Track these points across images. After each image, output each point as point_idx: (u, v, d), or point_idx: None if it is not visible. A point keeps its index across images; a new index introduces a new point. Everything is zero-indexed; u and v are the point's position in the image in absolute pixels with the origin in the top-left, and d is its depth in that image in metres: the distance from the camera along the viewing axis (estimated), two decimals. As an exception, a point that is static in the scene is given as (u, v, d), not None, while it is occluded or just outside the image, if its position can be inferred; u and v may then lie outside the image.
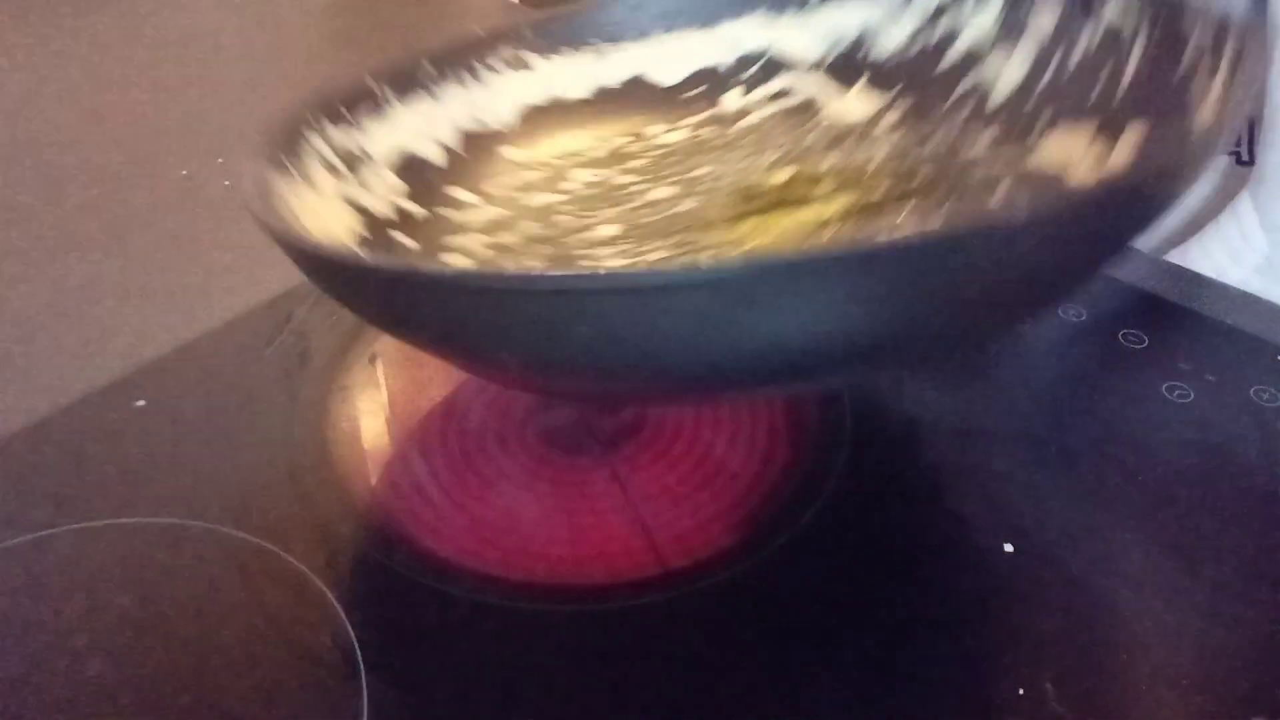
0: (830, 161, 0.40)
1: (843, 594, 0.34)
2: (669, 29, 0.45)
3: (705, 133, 0.45)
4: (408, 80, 0.40)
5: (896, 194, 0.36)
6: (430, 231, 0.39)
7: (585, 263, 0.36)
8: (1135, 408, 0.41)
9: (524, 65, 0.43)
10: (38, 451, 0.38)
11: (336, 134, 0.37)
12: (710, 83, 0.46)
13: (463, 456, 0.39)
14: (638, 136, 0.45)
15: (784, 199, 0.37)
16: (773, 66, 0.46)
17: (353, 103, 0.38)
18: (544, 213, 0.40)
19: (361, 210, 0.37)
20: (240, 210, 0.31)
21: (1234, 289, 0.48)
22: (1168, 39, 0.35)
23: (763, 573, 0.34)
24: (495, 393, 0.41)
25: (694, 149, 0.43)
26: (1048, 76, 0.39)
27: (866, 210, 0.35)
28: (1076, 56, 0.38)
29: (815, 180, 0.38)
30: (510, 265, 0.35)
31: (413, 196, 0.39)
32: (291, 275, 0.37)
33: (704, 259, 0.29)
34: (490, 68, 0.42)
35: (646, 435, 0.40)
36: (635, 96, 0.45)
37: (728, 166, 0.41)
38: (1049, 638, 0.32)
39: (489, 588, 0.33)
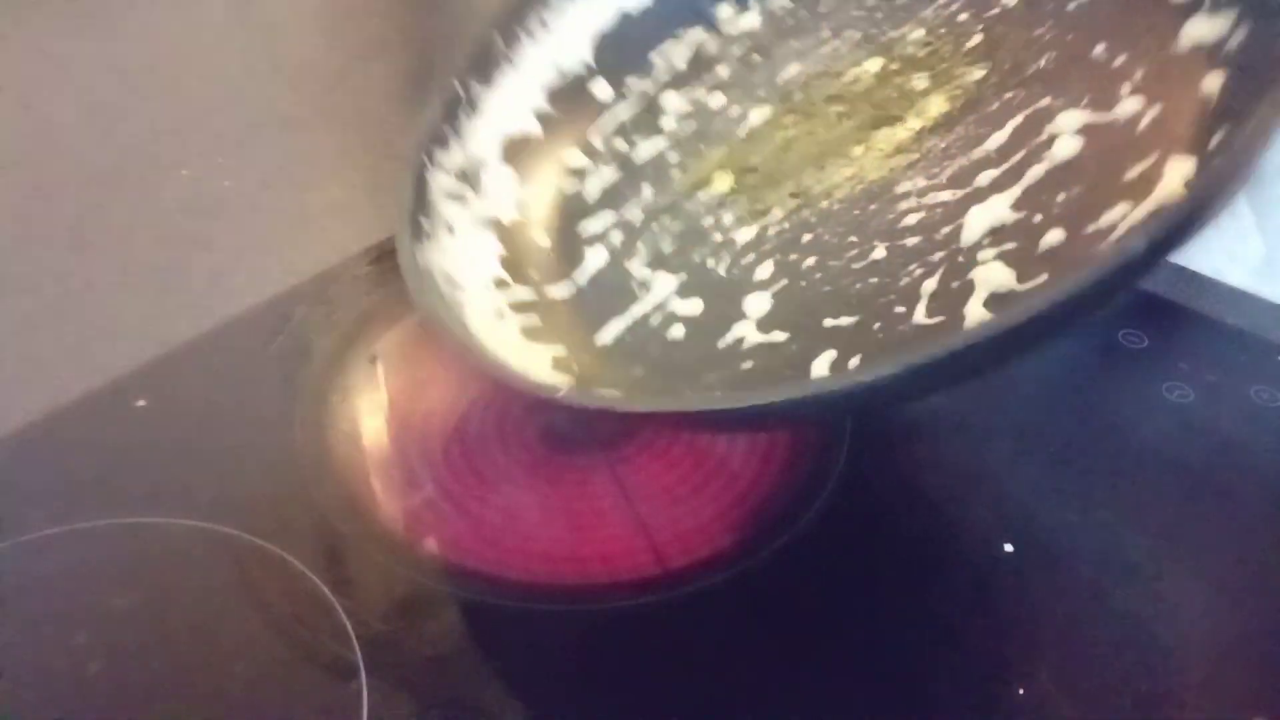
0: (915, 39, 0.38)
1: (842, 594, 0.34)
2: None
3: (780, 9, 0.43)
4: (486, 62, 0.39)
5: (993, 81, 0.34)
6: (557, 217, 0.38)
7: (716, 236, 0.36)
8: (1135, 408, 0.41)
9: None
10: (38, 451, 0.38)
11: (449, 158, 0.37)
12: None
13: (463, 457, 0.39)
14: (712, 29, 0.43)
15: (882, 110, 0.36)
16: None
17: (452, 115, 0.38)
18: (655, 168, 0.39)
19: (494, 223, 0.37)
20: (240, 210, 0.31)
21: (1234, 289, 0.48)
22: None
23: (762, 573, 0.34)
24: (495, 394, 0.41)
25: (774, 38, 0.42)
26: None
27: (966, 109, 0.34)
28: None
29: (906, 69, 0.37)
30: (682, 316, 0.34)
31: (526, 179, 0.39)
32: (291, 275, 0.37)
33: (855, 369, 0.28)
34: (552, 8, 0.41)
35: (646, 436, 0.39)
36: None
37: (812, 62, 0.40)
38: (1049, 637, 0.32)
39: (489, 588, 0.33)
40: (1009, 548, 0.35)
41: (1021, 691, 0.31)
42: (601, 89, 0.43)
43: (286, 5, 0.71)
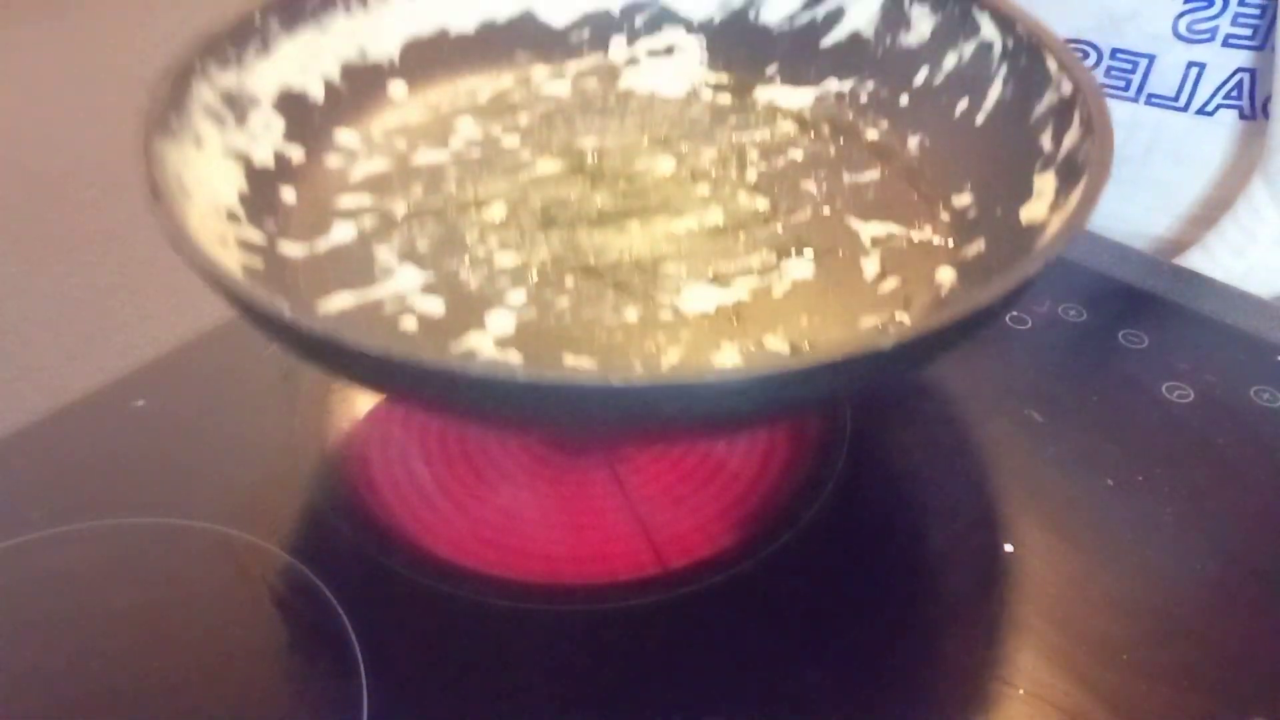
0: (708, 157, 0.41)
1: (842, 594, 0.34)
2: None
3: (590, 86, 0.45)
4: (295, 9, 0.39)
5: (765, 214, 0.38)
6: (314, 183, 0.38)
7: (478, 251, 0.36)
8: (1135, 408, 0.41)
9: None
10: (38, 451, 0.38)
11: (223, 77, 0.36)
12: (598, 27, 0.46)
13: (463, 457, 0.39)
14: (523, 82, 0.45)
15: (665, 202, 0.39)
16: (662, 18, 0.46)
17: (241, 40, 0.37)
18: (431, 175, 0.39)
19: (245, 160, 0.36)
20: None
21: (1234, 289, 0.48)
22: (1028, 77, 0.38)
23: (762, 573, 0.34)
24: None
25: (579, 107, 0.43)
26: (919, 81, 0.42)
27: (738, 226, 0.38)
28: (945, 70, 0.42)
29: (693, 178, 0.40)
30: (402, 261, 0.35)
31: (292, 136, 0.38)
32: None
33: (618, 372, 0.29)
34: None
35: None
36: (523, 35, 0.45)
37: (611, 140, 0.42)
38: (1049, 637, 0.32)
39: (489, 588, 0.33)
40: (1009, 548, 0.35)
41: (1021, 691, 0.31)
42: (398, 89, 0.43)
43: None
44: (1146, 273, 0.49)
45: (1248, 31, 0.52)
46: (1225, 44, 0.52)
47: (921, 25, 0.43)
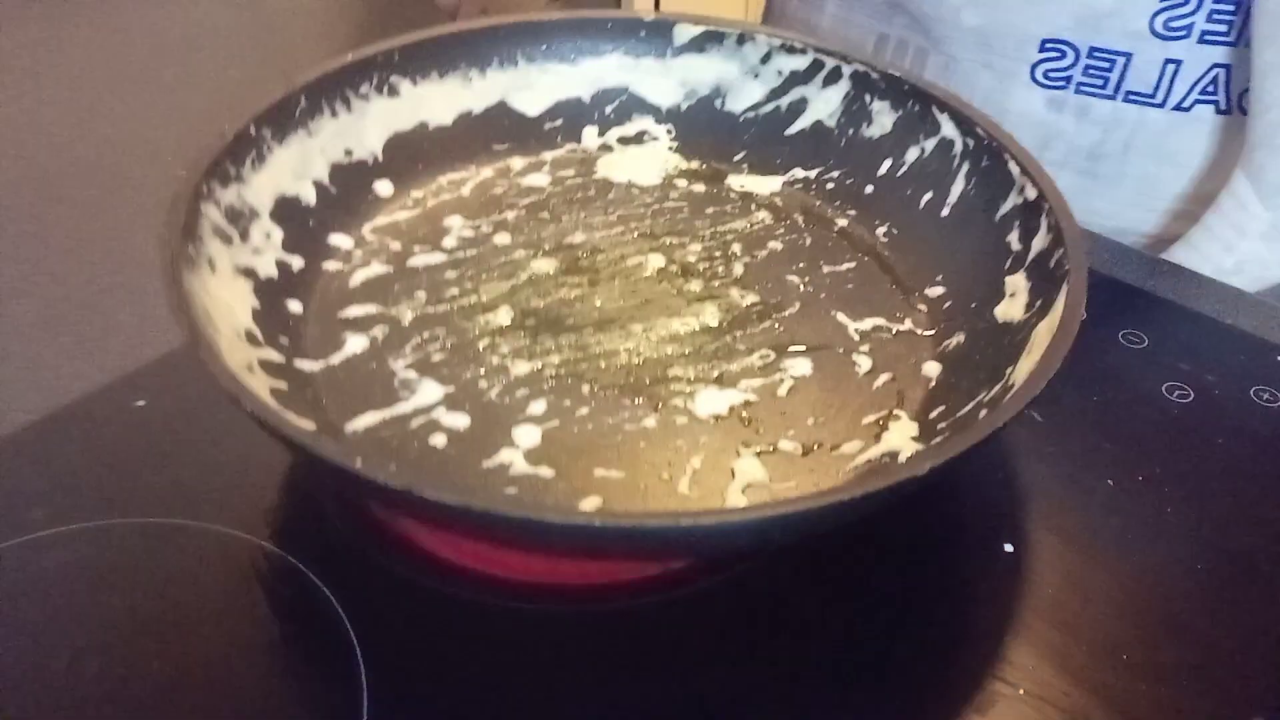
0: (694, 251, 0.43)
1: (843, 594, 0.34)
2: (533, 60, 0.47)
3: (568, 176, 0.46)
4: (286, 119, 0.40)
5: (757, 309, 0.40)
6: (318, 293, 0.39)
7: (492, 359, 0.37)
8: (1135, 408, 0.41)
9: (394, 91, 0.44)
10: (38, 451, 0.38)
11: (226, 194, 0.37)
12: (570, 115, 0.48)
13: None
14: (503, 174, 0.46)
15: (661, 302, 0.40)
16: (631, 106, 0.48)
17: (239, 156, 0.38)
18: (431, 279, 0.40)
19: (252, 275, 0.37)
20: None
21: (1233, 289, 0.48)
22: (990, 177, 0.41)
23: (762, 573, 0.34)
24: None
25: (562, 202, 0.45)
26: (882, 172, 0.45)
27: (734, 325, 0.40)
28: (908, 163, 0.44)
29: (684, 274, 0.42)
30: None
31: (291, 246, 0.39)
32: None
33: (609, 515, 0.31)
34: (362, 96, 0.43)
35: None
36: (498, 125, 0.47)
37: (599, 235, 0.43)
38: (1049, 637, 0.32)
39: (489, 588, 0.33)
40: (1009, 548, 0.35)
41: (1021, 691, 0.31)
42: (384, 187, 0.44)
43: (286, 5, 0.71)
44: (1146, 273, 0.49)
45: (1223, 28, 0.52)
46: (1201, 40, 0.52)
47: (883, 119, 0.45)
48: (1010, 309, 0.37)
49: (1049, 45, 0.55)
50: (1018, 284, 0.38)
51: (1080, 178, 0.58)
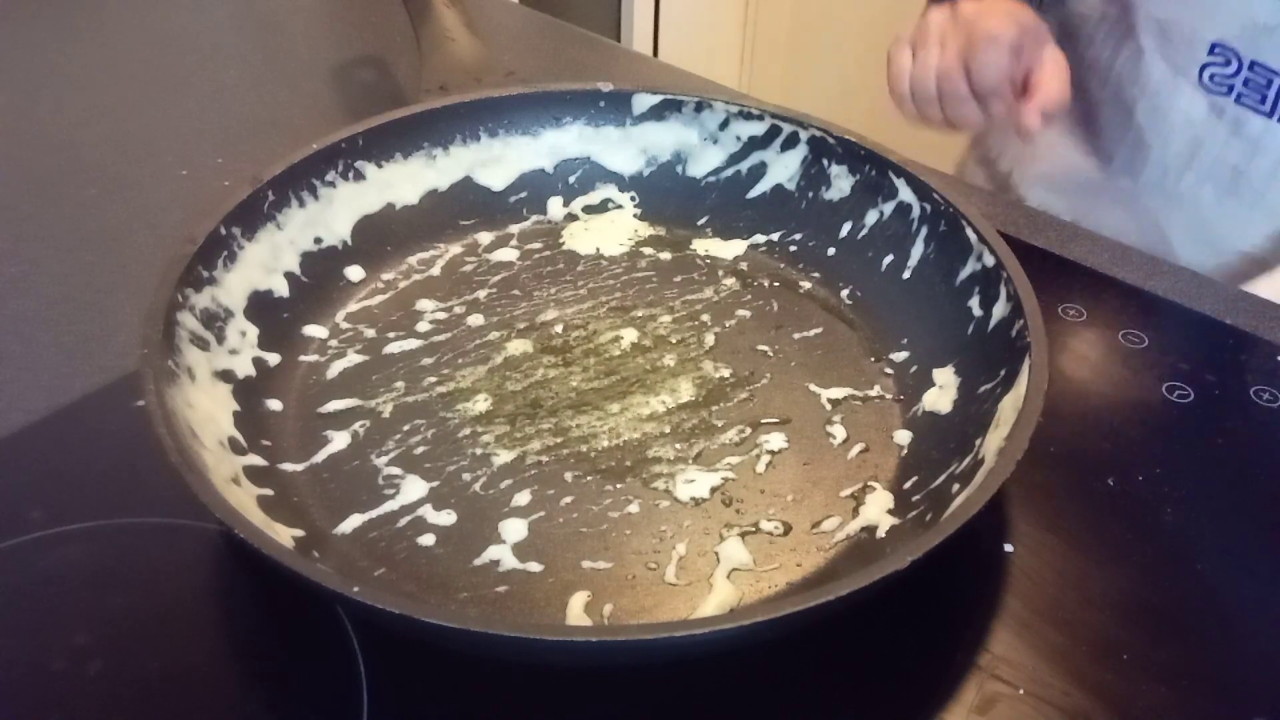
0: (665, 323, 0.43)
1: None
2: (495, 135, 0.47)
3: (537, 251, 0.46)
4: (254, 215, 0.40)
5: (731, 381, 0.40)
6: (295, 389, 0.39)
7: (474, 450, 0.37)
8: (1135, 408, 0.41)
9: (360, 176, 0.44)
10: (38, 451, 0.38)
11: (200, 299, 0.37)
12: (535, 186, 0.48)
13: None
14: (472, 250, 0.46)
15: (637, 379, 0.40)
16: (594, 174, 0.49)
17: (210, 258, 0.38)
18: (408, 367, 0.40)
19: (230, 378, 0.37)
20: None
21: (1233, 289, 0.48)
22: (948, 241, 0.41)
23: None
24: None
25: (532, 278, 0.45)
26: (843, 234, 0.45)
27: (709, 399, 0.40)
28: (868, 225, 0.45)
29: (656, 347, 0.42)
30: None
31: (266, 343, 0.39)
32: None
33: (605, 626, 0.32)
34: (328, 183, 0.43)
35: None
36: (465, 200, 0.47)
37: (570, 310, 0.43)
38: (1049, 637, 0.32)
39: (489, 588, 0.33)
40: (1009, 548, 0.35)
41: (1021, 691, 0.31)
42: (354, 272, 0.44)
43: (286, 5, 0.71)
44: (1146, 273, 0.49)
45: None
46: None
47: (841, 182, 0.46)
48: (939, 400, 0.38)
49: (1217, 49, 0.54)
50: (946, 378, 0.39)
51: (1220, 195, 0.57)
